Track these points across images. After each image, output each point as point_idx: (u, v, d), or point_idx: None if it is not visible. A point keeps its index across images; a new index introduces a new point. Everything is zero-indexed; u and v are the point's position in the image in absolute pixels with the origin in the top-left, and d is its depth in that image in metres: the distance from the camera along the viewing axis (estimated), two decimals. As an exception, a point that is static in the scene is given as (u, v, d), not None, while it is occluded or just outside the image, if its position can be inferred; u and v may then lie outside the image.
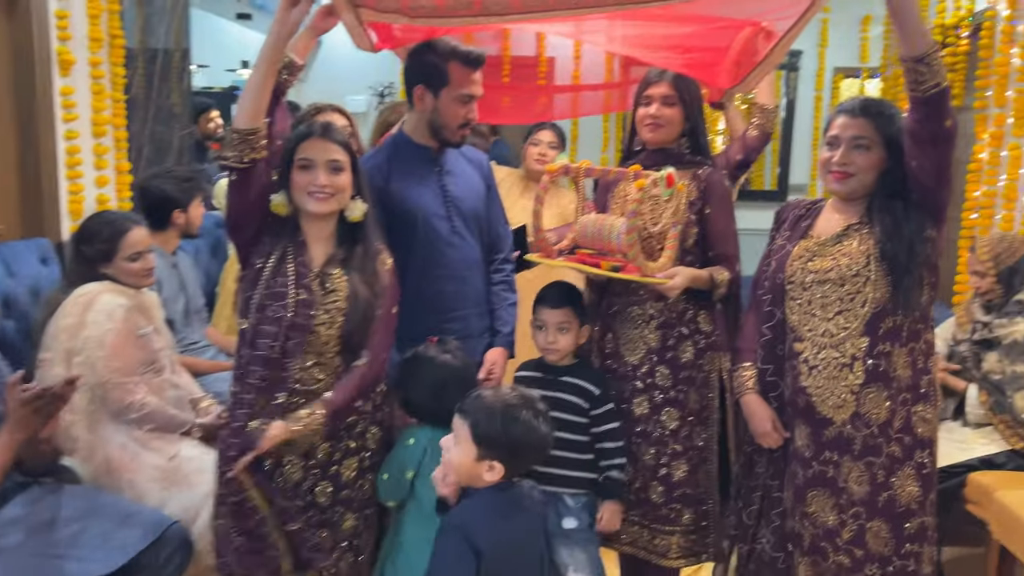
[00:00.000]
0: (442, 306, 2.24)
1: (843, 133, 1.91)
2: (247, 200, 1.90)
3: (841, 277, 1.92)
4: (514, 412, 1.70)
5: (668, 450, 2.27)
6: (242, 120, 1.84)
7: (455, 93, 2.16)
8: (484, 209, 2.34)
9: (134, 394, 2.40)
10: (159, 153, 3.82)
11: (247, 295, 1.91)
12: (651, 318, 2.27)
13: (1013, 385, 2.69)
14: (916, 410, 1.91)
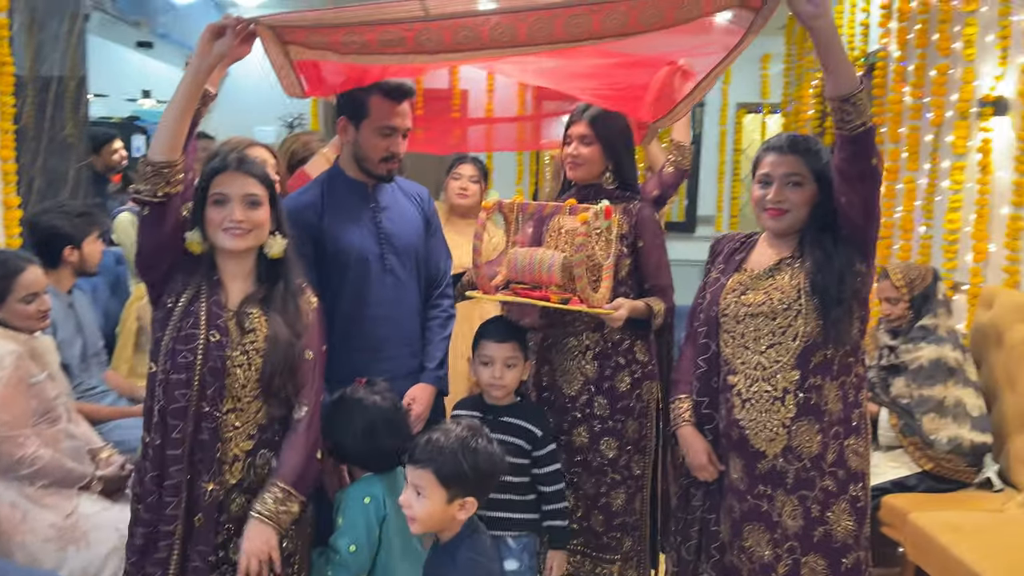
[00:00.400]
0: (373, 345, 2.19)
1: (775, 171, 1.93)
2: (160, 237, 1.79)
3: (773, 311, 1.93)
4: (471, 444, 1.70)
5: (607, 479, 2.30)
6: (158, 153, 1.75)
7: (375, 125, 2.13)
8: (421, 244, 2.28)
9: (25, 448, 2.22)
10: (52, 186, 3.60)
11: (157, 337, 1.81)
12: (587, 349, 2.30)
13: (921, 408, 2.80)
14: (848, 443, 1.92)
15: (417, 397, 2.19)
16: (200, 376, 1.76)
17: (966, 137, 3.51)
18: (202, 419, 1.77)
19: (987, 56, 3.43)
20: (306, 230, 2.10)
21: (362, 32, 1.77)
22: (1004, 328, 2.95)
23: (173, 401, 1.76)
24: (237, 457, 1.80)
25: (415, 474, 1.69)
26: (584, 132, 2.32)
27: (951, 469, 2.79)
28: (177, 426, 1.76)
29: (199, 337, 1.76)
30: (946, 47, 3.63)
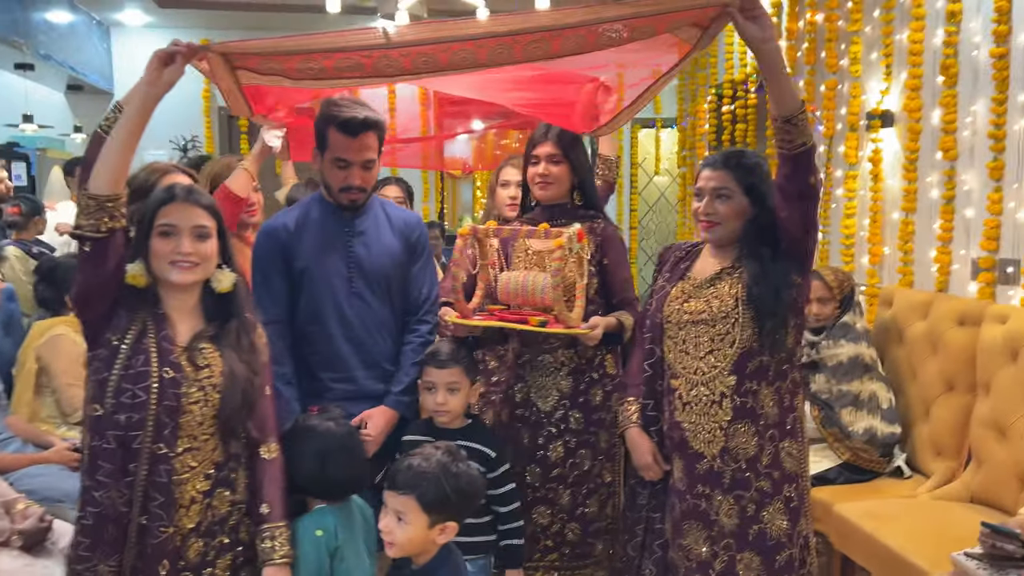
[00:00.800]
0: (336, 365, 2.22)
1: (706, 185, 2.02)
2: (103, 273, 1.70)
3: (712, 318, 2.01)
4: (452, 468, 1.71)
5: (583, 490, 2.36)
6: (100, 185, 1.67)
7: (331, 157, 2.17)
8: (396, 271, 2.28)
9: None
10: (-65, 220, 3.34)
11: (101, 377, 1.70)
12: (562, 365, 2.36)
13: (840, 402, 2.97)
14: (783, 446, 2.00)
15: (372, 419, 2.18)
16: (155, 415, 1.68)
17: (856, 148, 3.76)
18: (157, 461, 1.68)
19: (873, 72, 3.69)
20: (276, 247, 2.20)
21: (319, 59, 1.77)
22: (904, 325, 3.16)
23: (120, 444, 1.66)
24: (194, 499, 1.72)
25: (397, 500, 1.68)
26: (552, 151, 2.35)
27: (866, 459, 2.96)
28: (106, 468, 1.67)
29: (152, 375, 1.68)
30: (834, 64, 3.88)
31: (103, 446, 1.68)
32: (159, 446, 1.69)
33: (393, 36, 1.74)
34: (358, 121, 2.11)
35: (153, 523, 1.68)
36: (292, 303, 2.23)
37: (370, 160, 2.17)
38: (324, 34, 1.80)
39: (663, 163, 7.45)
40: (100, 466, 1.68)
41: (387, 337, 2.27)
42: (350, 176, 2.16)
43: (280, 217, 2.30)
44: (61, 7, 5.20)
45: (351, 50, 1.77)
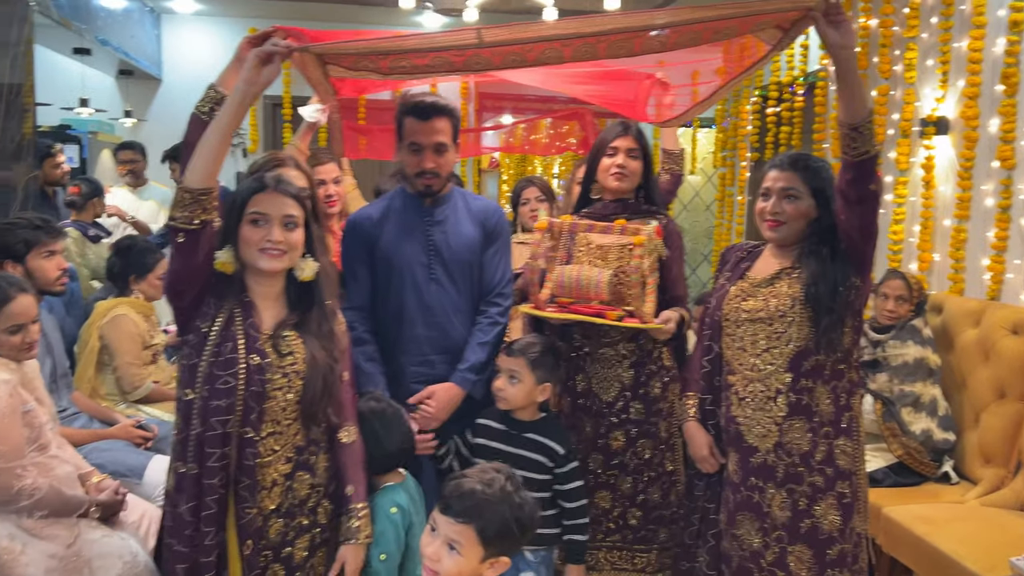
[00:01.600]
0: (415, 349, 2.30)
1: (774, 185, 2.06)
2: (194, 263, 1.75)
3: (769, 317, 2.06)
4: (515, 498, 1.51)
5: (644, 478, 2.43)
6: (195, 179, 1.71)
7: (406, 143, 2.26)
8: (475, 259, 2.35)
9: (23, 479, 2.11)
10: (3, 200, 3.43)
11: (192, 363, 1.76)
12: (623, 358, 2.43)
13: (900, 401, 3.02)
14: (838, 443, 2.03)
15: (435, 394, 2.24)
16: (243, 401, 1.73)
17: (908, 154, 3.77)
18: (244, 445, 1.74)
19: (927, 79, 3.69)
20: (360, 237, 2.30)
21: (413, 58, 1.82)
22: (955, 333, 3.18)
23: (211, 428, 1.72)
24: (276, 481, 1.78)
25: (452, 528, 1.46)
26: (632, 145, 2.44)
27: (917, 461, 2.98)
28: (215, 453, 1.72)
29: (239, 361, 1.74)
30: (887, 69, 3.89)
31: (194, 431, 1.73)
32: (246, 430, 1.74)
33: (485, 37, 1.78)
34: (427, 104, 2.20)
35: (239, 504, 1.74)
36: (375, 290, 2.32)
37: (441, 143, 2.23)
38: (418, 35, 1.85)
39: (698, 163, 7.46)
40: (192, 448, 1.73)
41: (463, 323, 2.33)
42: (423, 160, 2.23)
43: (367, 208, 2.42)
44: (117, -7, 5.29)
45: (443, 50, 1.82)
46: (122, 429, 2.96)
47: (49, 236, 2.89)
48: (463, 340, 2.33)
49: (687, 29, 1.80)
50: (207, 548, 1.72)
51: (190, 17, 6.29)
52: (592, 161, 2.50)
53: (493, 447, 2.22)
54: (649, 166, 2.48)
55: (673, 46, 1.86)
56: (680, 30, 1.80)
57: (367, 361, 2.25)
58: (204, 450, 1.72)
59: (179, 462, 1.76)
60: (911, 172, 3.77)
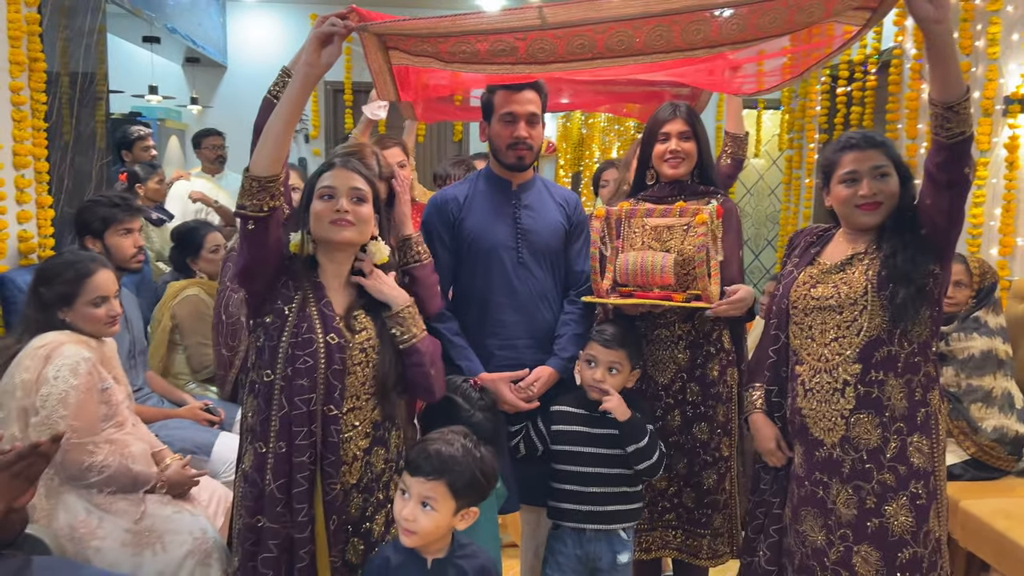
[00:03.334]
0: (501, 333, 2.30)
1: (860, 166, 1.95)
2: (264, 249, 1.77)
3: (839, 304, 1.97)
4: (475, 452, 1.68)
5: (699, 460, 2.40)
6: (262, 167, 1.71)
7: (498, 115, 2.27)
8: (560, 245, 2.36)
9: (94, 455, 2.18)
10: (79, 185, 3.52)
11: (271, 344, 1.79)
12: (679, 339, 2.39)
13: (969, 397, 2.88)
14: (912, 440, 1.93)
15: (540, 378, 2.27)
16: (325, 379, 1.76)
17: (990, 134, 3.60)
18: (328, 422, 1.77)
19: (1011, 55, 3.52)
20: (445, 218, 2.30)
21: (474, 41, 1.76)
22: (1039, 320, 3.04)
23: (296, 407, 1.75)
24: (356, 456, 1.81)
25: (424, 486, 1.61)
26: (683, 128, 2.39)
27: (993, 457, 2.86)
28: (302, 431, 1.75)
29: (317, 340, 1.77)
30: (967, 45, 3.71)
31: (280, 411, 1.76)
32: (329, 407, 1.77)
33: (548, 17, 1.73)
34: None
35: (325, 480, 1.77)
36: (457, 272, 2.32)
37: (534, 114, 2.25)
38: (479, 15, 1.80)
39: (763, 145, 7.28)
40: (277, 428, 1.76)
41: (549, 308, 2.34)
42: (516, 130, 2.24)
43: (451, 190, 2.40)
44: (185, -18, 5.40)
45: (506, 31, 1.76)
46: (190, 410, 3.04)
47: (126, 214, 2.98)
48: (547, 325, 2.34)
49: (768, 6, 1.68)
50: (301, 524, 1.75)
51: (254, 4, 6.38)
52: (645, 147, 2.46)
53: (575, 431, 2.23)
54: (703, 145, 2.42)
55: (754, 29, 1.73)
56: (759, 8, 1.68)
57: (455, 335, 2.27)
58: (292, 429, 1.75)
59: (260, 442, 1.79)
60: (993, 152, 3.60)
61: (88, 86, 3.62)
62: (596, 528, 2.19)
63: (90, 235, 2.96)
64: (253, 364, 1.83)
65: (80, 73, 3.55)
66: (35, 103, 3.09)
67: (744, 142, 2.89)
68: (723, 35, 1.75)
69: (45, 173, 3.16)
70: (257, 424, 1.80)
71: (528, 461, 2.30)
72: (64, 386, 2.11)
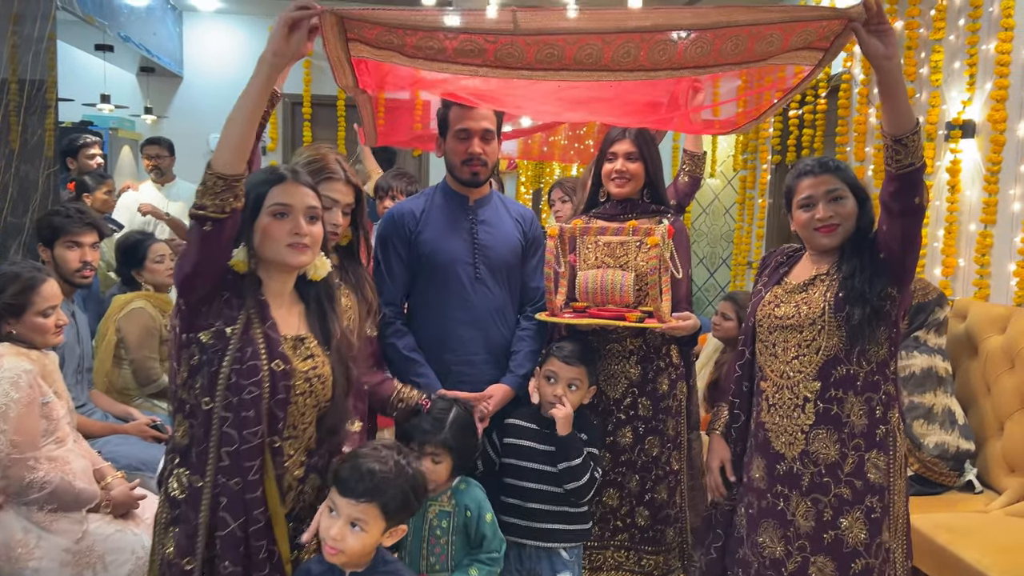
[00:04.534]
0: (458, 348, 2.28)
1: (816, 191, 2.00)
2: (218, 254, 1.62)
3: (800, 324, 2.02)
4: (408, 469, 1.64)
5: (652, 476, 2.41)
6: (225, 164, 1.56)
7: (452, 131, 2.26)
8: (516, 261, 2.36)
9: (35, 471, 2.13)
10: (24, 194, 3.44)
11: (210, 369, 1.61)
12: (631, 353, 2.41)
13: (911, 414, 2.94)
14: (869, 456, 1.97)
15: (494, 396, 2.26)
16: (268, 409, 1.62)
17: (933, 157, 3.71)
18: (274, 454, 1.64)
19: (953, 82, 3.64)
20: (401, 232, 2.28)
21: (442, 38, 1.72)
22: (979, 339, 3.12)
23: (246, 441, 1.59)
24: (291, 486, 1.69)
25: (355, 508, 1.56)
26: (630, 149, 2.42)
27: (936, 472, 2.93)
28: (252, 467, 1.60)
29: (262, 368, 1.62)
30: (912, 72, 3.83)
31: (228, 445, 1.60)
32: (273, 439, 1.64)
33: (522, 23, 1.71)
34: None
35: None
36: (413, 287, 2.31)
37: (488, 130, 2.25)
38: (452, 12, 1.76)
39: (718, 165, 7.41)
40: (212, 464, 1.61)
41: (504, 323, 2.34)
42: (471, 145, 2.24)
43: (407, 203, 2.38)
44: (140, -10, 5.33)
45: (477, 32, 1.74)
46: (136, 427, 2.97)
47: (75, 226, 2.90)
48: (503, 341, 2.34)
49: (731, 32, 1.71)
50: (260, 563, 1.62)
51: (212, 15, 6.32)
52: (598, 164, 2.50)
53: (526, 446, 2.23)
54: (651, 166, 2.45)
55: (717, 55, 1.77)
56: (724, 34, 1.72)
57: (411, 351, 2.26)
58: (244, 465, 1.60)
59: (194, 475, 1.62)
60: (936, 176, 3.71)
61: (36, 94, 3.55)
62: (536, 544, 2.20)
63: (42, 243, 2.91)
64: (184, 383, 1.65)
65: (28, 80, 3.48)
66: (-19, 111, 3.03)
67: (702, 161, 2.94)
68: (687, 58, 1.78)
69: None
70: (192, 454, 1.63)
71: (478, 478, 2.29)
72: (4, 400, 2.07)
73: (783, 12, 1.75)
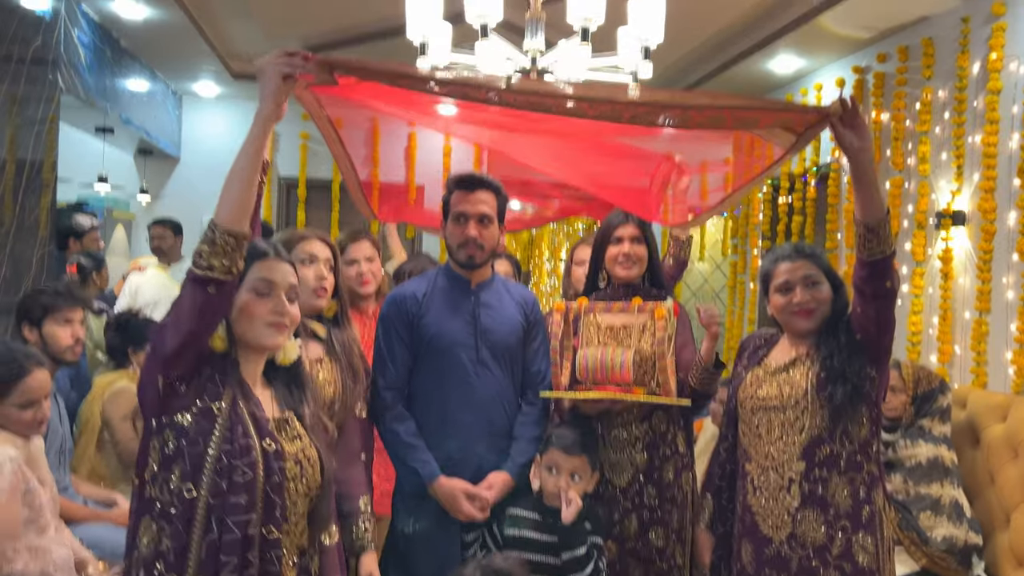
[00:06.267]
0: (460, 433, 2.24)
1: (792, 276, 2.07)
2: (215, 322, 1.53)
3: (783, 405, 2.04)
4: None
5: (655, 568, 2.35)
6: (232, 221, 1.50)
7: (452, 214, 2.28)
8: (519, 345, 2.34)
9: (13, 563, 2.04)
10: (17, 273, 3.42)
11: (194, 451, 1.47)
12: (637, 440, 2.38)
13: (917, 505, 2.88)
14: (856, 538, 1.96)
15: (494, 485, 2.21)
16: (264, 494, 1.50)
17: (925, 245, 3.76)
18: (268, 547, 1.51)
19: (942, 171, 3.72)
20: (404, 315, 2.26)
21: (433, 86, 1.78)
22: (981, 427, 3.09)
23: (228, 531, 1.45)
24: None
25: None
26: (636, 233, 2.46)
27: (944, 567, 2.85)
28: (231, 562, 1.45)
29: (254, 448, 1.51)
30: (900, 162, 3.92)
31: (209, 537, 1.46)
32: (269, 528, 1.51)
33: (514, 85, 1.78)
34: (474, 177, 2.27)
35: None
36: (414, 371, 2.28)
37: (486, 214, 2.26)
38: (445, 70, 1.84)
39: (707, 250, 7.49)
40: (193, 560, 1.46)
41: (507, 408, 2.31)
42: (467, 229, 2.25)
43: (408, 286, 2.38)
44: (143, 76, 5.42)
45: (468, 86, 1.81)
46: (120, 514, 2.86)
47: (67, 303, 2.90)
48: (505, 425, 2.30)
49: (712, 112, 1.81)
50: None
51: (211, 99, 6.43)
52: (598, 249, 2.52)
53: (527, 537, 2.17)
54: (653, 250, 2.49)
55: (696, 125, 1.87)
56: (705, 112, 1.81)
57: (412, 436, 2.22)
58: (219, 558, 1.45)
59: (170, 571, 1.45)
60: (928, 263, 3.75)
61: (35, 174, 3.57)
62: None
63: (28, 322, 2.86)
64: (153, 477, 1.49)
65: (28, 161, 3.51)
66: (-22, 190, 3.04)
67: (688, 245, 2.96)
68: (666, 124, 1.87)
69: (-17, 261, 3.08)
70: (169, 553, 1.45)
71: None
72: None
73: (766, 103, 1.82)
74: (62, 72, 3.86)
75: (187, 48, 5.03)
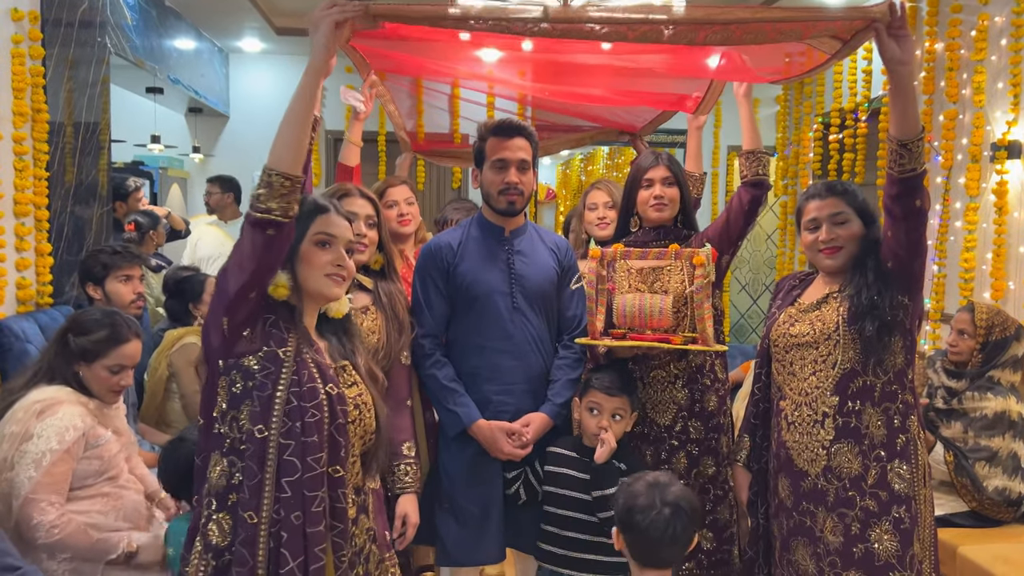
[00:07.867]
0: (498, 378, 2.30)
1: (820, 213, 2.06)
2: (276, 263, 1.57)
3: (815, 340, 2.05)
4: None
5: (711, 496, 2.40)
6: (288, 164, 1.54)
7: (490, 161, 2.31)
8: (553, 290, 2.38)
9: (45, 514, 2.05)
10: (78, 233, 3.56)
11: (262, 394, 1.53)
12: (676, 377, 2.41)
13: (975, 455, 2.85)
14: (892, 466, 1.97)
15: (533, 423, 2.28)
16: (330, 435, 1.57)
17: (978, 179, 3.65)
18: (334, 485, 1.57)
19: (997, 102, 3.58)
20: (439, 265, 2.31)
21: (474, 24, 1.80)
22: (1034, 363, 3.03)
23: (310, 469, 1.52)
24: (354, 521, 1.63)
25: None
26: (666, 174, 2.45)
27: (993, 512, 2.84)
28: (315, 498, 1.52)
29: (319, 391, 1.57)
30: (954, 93, 3.78)
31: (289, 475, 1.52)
32: (336, 467, 1.58)
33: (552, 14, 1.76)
34: (512, 124, 2.29)
35: (336, 554, 1.58)
36: (452, 318, 2.34)
37: (524, 160, 2.29)
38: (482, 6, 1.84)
39: (759, 191, 7.36)
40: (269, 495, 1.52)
41: (544, 352, 2.36)
42: (507, 174, 2.27)
43: (444, 236, 2.42)
44: (188, 35, 5.51)
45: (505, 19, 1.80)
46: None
47: (126, 261, 3.05)
48: (542, 369, 2.35)
49: (754, 27, 1.79)
50: None
51: (257, 55, 6.51)
52: (629, 193, 2.52)
53: (566, 474, 2.24)
54: (685, 191, 2.48)
55: (737, 40, 1.86)
56: (746, 27, 1.79)
57: (451, 381, 2.28)
58: (305, 495, 1.52)
59: (248, 511, 1.51)
60: (983, 198, 3.65)
61: (91, 136, 3.68)
62: (572, 574, 2.18)
63: (92, 281, 3.01)
64: (222, 415, 1.55)
65: (83, 123, 3.62)
66: (37, 152, 3.16)
67: (700, 181, 2.91)
68: (708, 40, 1.86)
69: (45, 221, 3.21)
70: (244, 489, 1.52)
71: (520, 506, 2.29)
72: (44, 447, 2.07)
73: (808, 12, 1.79)
74: (110, 34, 3.95)
75: (230, 5, 5.09)
